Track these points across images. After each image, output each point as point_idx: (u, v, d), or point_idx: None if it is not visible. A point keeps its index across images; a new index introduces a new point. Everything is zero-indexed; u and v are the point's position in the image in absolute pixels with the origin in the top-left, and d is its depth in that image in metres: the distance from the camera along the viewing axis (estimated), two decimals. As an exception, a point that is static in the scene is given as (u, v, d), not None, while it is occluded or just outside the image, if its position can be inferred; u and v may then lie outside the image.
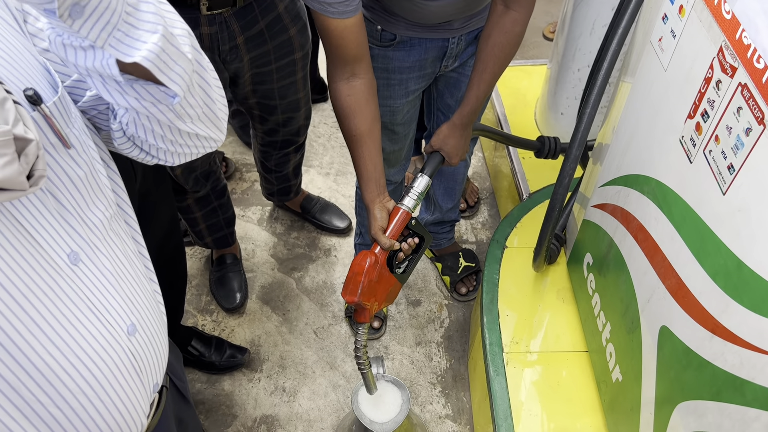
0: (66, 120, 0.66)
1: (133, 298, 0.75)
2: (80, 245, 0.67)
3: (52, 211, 0.64)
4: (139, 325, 0.75)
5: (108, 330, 0.70)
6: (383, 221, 1.32)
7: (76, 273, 0.66)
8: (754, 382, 0.86)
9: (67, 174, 0.66)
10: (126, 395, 0.73)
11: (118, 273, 0.73)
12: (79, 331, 0.66)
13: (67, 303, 0.65)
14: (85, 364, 0.67)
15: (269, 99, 1.76)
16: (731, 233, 0.91)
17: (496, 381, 1.53)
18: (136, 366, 0.75)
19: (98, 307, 0.69)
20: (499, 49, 1.32)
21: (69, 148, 0.66)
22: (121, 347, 0.72)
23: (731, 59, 0.91)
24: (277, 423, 1.85)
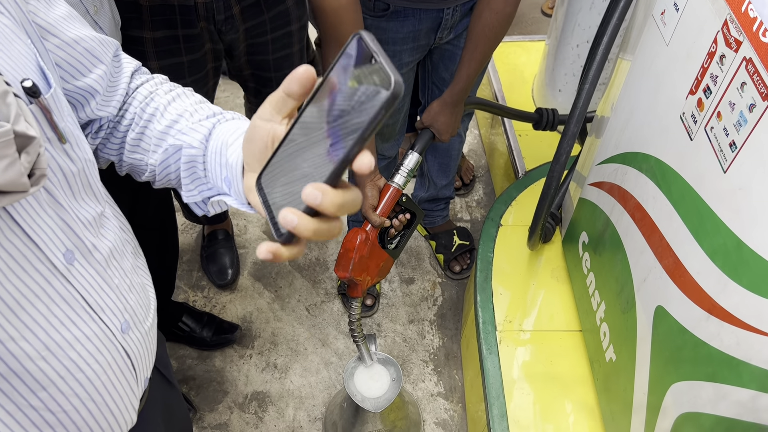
0: (60, 113, 0.64)
1: (126, 295, 0.74)
2: (75, 243, 0.65)
3: (47, 208, 0.61)
4: (132, 321, 0.74)
5: (102, 330, 0.68)
6: (374, 199, 1.34)
7: (71, 272, 0.64)
8: (751, 363, 0.85)
9: (62, 169, 0.63)
10: (118, 393, 0.72)
11: (111, 270, 0.71)
12: (73, 333, 0.64)
13: (61, 305, 0.63)
14: (79, 367, 0.66)
15: (264, 71, 1.73)
16: (731, 212, 0.89)
17: (488, 359, 1.52)
18: (130, 363, 0.74)
19: (93, 306, 0.67)
20: (489, 28, 1.32)
21: (64, 143, 0.63)
22: (115, 346, 0.70)
23: (736, 33, 0.88)
24: (268, 400, 1.84)
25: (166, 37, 1.38)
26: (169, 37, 1.38)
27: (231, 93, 2.83)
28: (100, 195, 0.71)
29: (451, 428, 1.78)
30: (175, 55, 1.43)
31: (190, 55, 1.45)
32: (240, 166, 0.66)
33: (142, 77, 0.82)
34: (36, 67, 0.62)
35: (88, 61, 0.73)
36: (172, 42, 1.39)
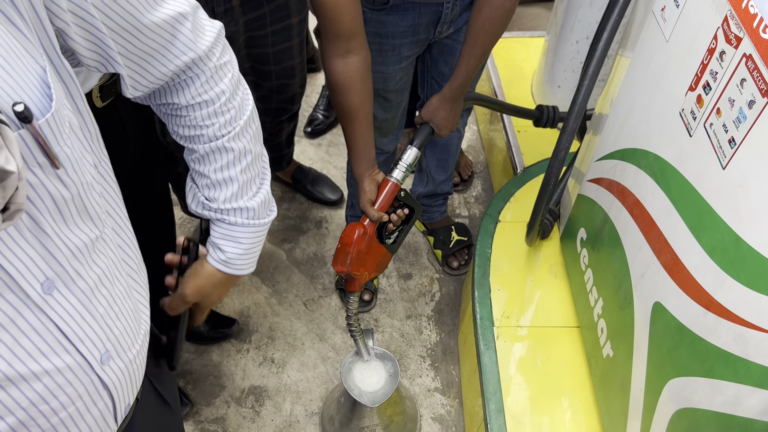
0: (58, 137, 0.60)
1: (112, 323, 0.71)
2: (57, 272, 0.62)
3: (27, 236, 0.59)
4: (115, 350, 0.71)
5: (77, 361, 0.66)
6: (372, 194, 1.34)
7: (48, 302, 0.62)
8: (748, 359, 0.85)
9: (51, 195, 0.60)
10: (88, 426, 0.70)
11: (97, 298, 0.69)
12: (41, 365, 0.62)
13: (31, 336, 0.61)
14: (44, 399, 0.63)
15: (263, 64, 1.72)
16: (730, 208, 0.89)
17: (486, 355, 1.52)
18: (107, 394, 0.71)
19: (70, 336, 0.64)
20: (489, 23, 1.32)
21: (58, 168, 0.60)
22: (90, 378, 0.68)
23: (736, 29, 0.88)
24: (265, 394, 1.84)
25: None
26: None
27: (229, 87, 2.82)
28: (97, 218, 0.69)
29: (448, 423, 1.78)
30: None
31: None
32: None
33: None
34: (40, 84, 0.59)
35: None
36: None
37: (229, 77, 0.84)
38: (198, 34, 0.78)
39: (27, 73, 0.58)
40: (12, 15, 0.57)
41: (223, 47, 0.84)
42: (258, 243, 0.94)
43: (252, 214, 0.91)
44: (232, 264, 0.92)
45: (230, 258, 0.91)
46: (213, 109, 0.83)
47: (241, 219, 0.90)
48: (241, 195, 0.89)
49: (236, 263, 0.92)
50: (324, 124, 2.61)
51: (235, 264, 0.92)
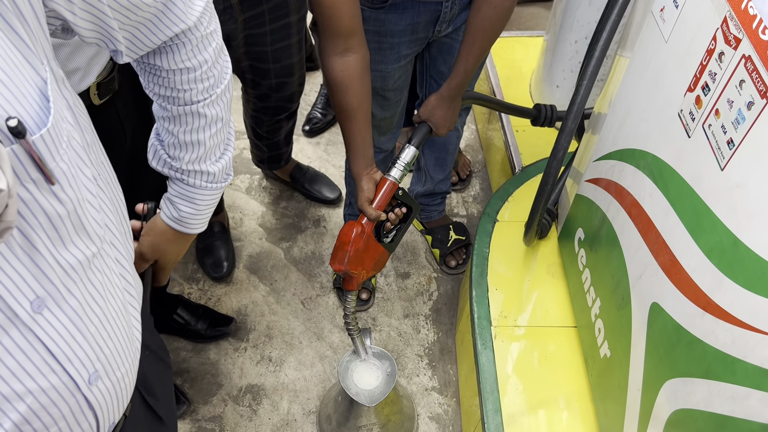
0: (54, 152, 0.59)
1: (104, 342, 0.69)
2: (48, 290, 0.61)
3: (18, 253, 0.57)
4: (104, 370, 0.70)
5: (63, 382, 0.64)
6: (370, 192, 1.34)
7: (37, 321, 0.60)
8: (745, 360, 0.85)
9: (45, 212, 0.59)
10: None
11: (90, 316, 0.67)
12: (25, 385, 0.61)
13: (16, 355, 0.59)
14: (26, 419, 0.62)
15: (262, 62, 1.72)
16: (728, 210, 0.89)
17: (483, 354, 1.52)
18: (92, 414, 0.70)
19: (58, 356, 0.63)
20: (488, 22, 1.32)
21: (53, 185, 0.59)
22: (76, 399, 0.67)
23: (735, 30, 0.88)
24: (262, 392, 1.84)
25: None
26: None
27: (228, 85, 2.82)
28: (94, 234, 0.67)
29: (445, 422, 1.78)
30: None
31: None
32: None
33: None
34: (38, 97, 0.57)
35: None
36: None
37: (213, 46, 0.85)
38: (189, 5, 0.80)
39: (26, 85, 0.56)
40: (14, 22, 0.55)
41: (210, 16, 0.84)
42: (212, 205, 0.97)
43: (212, 178, 0.93)
44: (184, 222, 0.95)
45: (183, 216, 0.94)
46: (195, 76, 0.85)
47: (200, 182, 0.93)
48: (206, 159, 0.92)
49: (188, 222, 0.95)
50: (322, 122, 2.61)
51: (187, 222, 0.96)
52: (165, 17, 0.77)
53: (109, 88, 1.19)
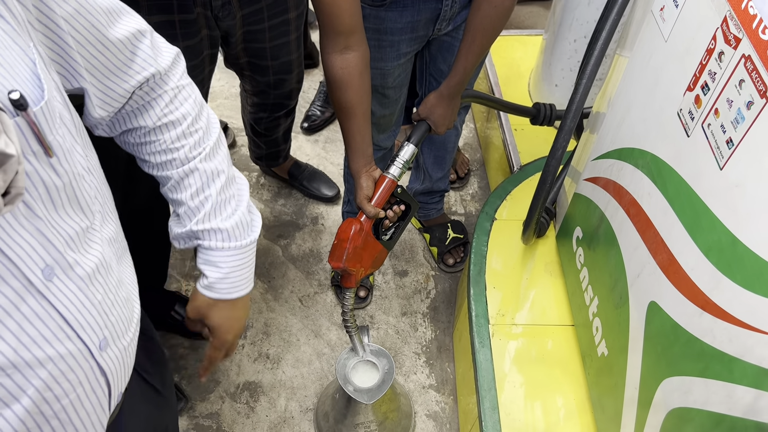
0: (51, 126, 0.62)
1: (108, 310, 0.72)
2: (55, 258, 0.63)
3: (25, 223, 0.59)
4: (112, 338, 0.72)
5: (79, 348, 0.67)
6: (369, 190, 1.34)
7: (50, 289, 0.63)
8: (743, 359, 0.85)
9: (44, 183, 0.62)
10: (86, 412, 0.71)
11: (95, 286, 0.70)
12: (45, 351, 0.63)
13: (35, 323, 0.62)
14: (48, 385, 0.64)
15: (261, 59, 1.72)
16: (727, 209, 0.89)
17: (481, 352, 1.52)
18: (105, 381, 0.72)
19: (72, 323, 0.66)
20: (488, 21, 1.32)
21: (51, 157, 0.62)
22: (90, 365, 0.69)
23: (735, 30, 0.88)
24: (260, 390, 1.84)
25: (162, 22, 1.37)
26: (165, 22, 1.37)
27: (226, 82, 2.82)
28: (87, 209, 0.70)
29: (443, 420, 1.78)
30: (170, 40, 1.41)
31: (186, 41, 1.44)
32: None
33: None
34: (30, 75, 0.60)
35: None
36: (168, 27, 1.38)
37: (192, 100, 0.86)
38: (157, 52, 0.81)
39: (18, 64, 0.59)
40: (3, 8, 0.58)
41: (182, 71, 0.86)
42: (240, 266, 0.92)
43: (226, 235, 0.89)
44: (215, 288, 0.91)
45: (212, 282, 0.91)
46: (181, 131, 0.85)
47: (215, 242, 0.89)
48: (215, 215, 0.89)
49: (219, 287, 0.91)
50: (321, 120, 2.61)
51: (218, 288, 0.91)
52: (133, 62, 0.77)
53: None
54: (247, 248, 0.93)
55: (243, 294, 0.94)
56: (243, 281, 0.93)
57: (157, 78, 0.81)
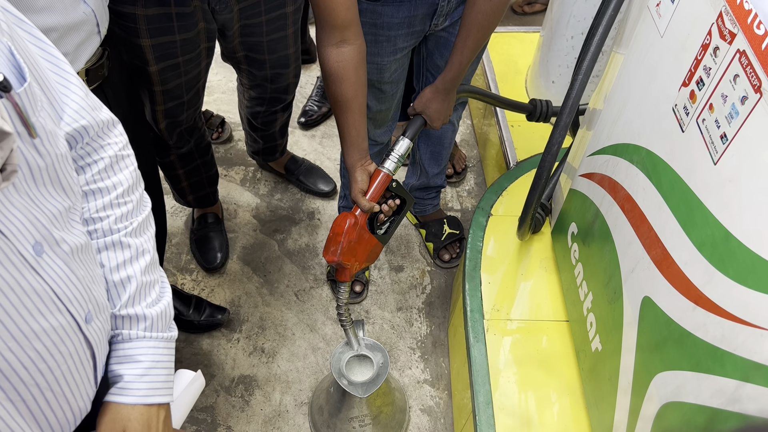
0: (33, 108, 0.65)
1: (90, 286, 0.74)
2: (43, 234, 0.66)
3: (14, 201, 0.62)
4: (94, 312, 0.75)
5: (68, 321, 0.69)
6: (364, 184, 1.34)
7: (40, 264, 0.65)
8: (735, 354, 0.86)
9: (28, 163, 0.64)
10: (76, 383, 0.73)
11: (78, 262, 0.72)
12: (41, 324, 0.65)
13: (32, 297, 0.64)
14: (43, 358, 0.66)
15: (257, 53, 1.71)
16: (720, 204, 0.90)
17: (475, 347, 1.52)
18: (90, 353, 0.75)
19: (62, 297, 0.68)
20: (483, 16, 1.32)
21: (34, 138, 0.65)
22: (78, 337, 0.71)
23: (731, 25, 0.88)
24: (255, 383, 1.84)
25: (158, 15, 1.36)
26: (162, 14, 1.37)
27: (224, 77, 2.81)
28: (69, 189, 0.72)
29: (437, 415, 1.79)
30: (167, 33, 1.41)
31: (182, 33, 1.44)
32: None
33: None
34: (7, 62, 0.62)
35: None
36: (164, 20, 1.38)
37: (130, 170, 0.85)
38: (92, 101, 0.80)
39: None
40: None
41: (126, 143, 0.86)
42: (161, 363, 0.83)
43: (150, 324, 0.83)
44: (131, 390, 0.79)
45: (128, 383, 0.80)
46: (108, 200, 0.82)
47: (136, 331, 0.82)
48: (140, 299, 0.83)
49: (136, 387, 0.80)
50: (318, 115, 2.61)
51: (135, 389, 0.79)
52: (66, 92, 0.76)
53: (98, 74, 1.19)
54: (169, 343, 0.85)
55: (162, 401, 0.82)
56: (162, 384, 0.83)
57: (93, 135, 0.79)
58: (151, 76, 1.49)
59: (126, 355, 0.81)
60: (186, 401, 0.93)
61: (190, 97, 1.63)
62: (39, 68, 0.71)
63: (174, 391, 0.87)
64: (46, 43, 0.74)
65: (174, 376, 0.88)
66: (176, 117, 1.66)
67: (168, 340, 0.85)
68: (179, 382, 0.93)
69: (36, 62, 0.71)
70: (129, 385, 0.80)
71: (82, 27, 1.08)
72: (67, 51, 1.07)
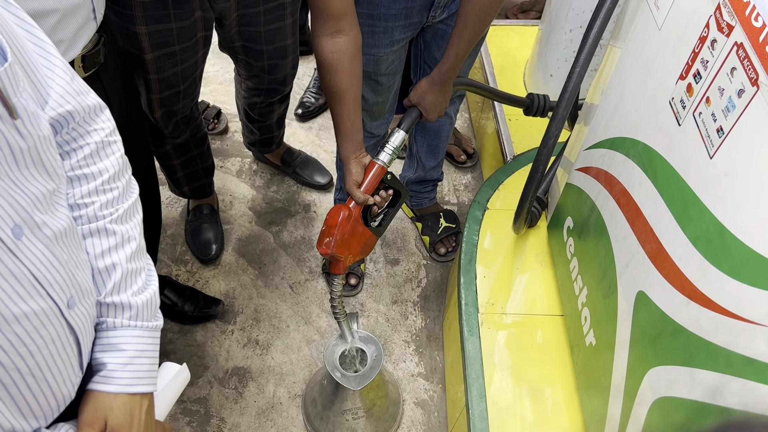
0: (15, 89, 0.64)
1: (73, 271, 0.73)
2: (23, 217, 0.65)
3: None
4: (77, 297, 0.74)
5: (49, 305, 0.68)
6: (358, 176, 1.33)
7: (19, 248, 0.64)
8: (728, 348, 0.85)
9: (9, 144, 0.63)
10: (58, 369, 0.72)
11: (61, 246, 0.71)
12: (20, 308, 0.64)
13: (10, 280, 0.63)
14: (23, 341, 0.66)
15: (255, 43, 1.70)
16: (715, 198, 0.89)
17: (469, 341, 1.52)
18: (74, 339, 0.74)
19: (42, 281, 0.67)
20: (480, 7, 1.31)
21: (15, 119, 0.64)
22: (60, 322, 0.70)
23: (728, 17, 0.87)
24: (248, 375, 1.84)
25: (154, 2, 1.35)
26: (158, 1, 1.36)
27: (221, 67, 2.80)
28: (53, 172, 0.71)
29: (431, 408, 1.79)
30: (163, 20, 1.40)
31: (179, 21, 1.42)
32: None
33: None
34: None
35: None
36: (160, 7, 1.37)
37: (116, 156, 0.84)
38: (78, 85, 0.79)
39: None
40: None
41: (113, 129, 0.84)
42: (145, 352, 0.82)
43: (135, 312, 0.82)
44: (114, 378, 0.79)
45: (111, 371, 0.79)
46: (94, 186, 0.81)
47: (121, 319, 0.81)
48: (125, 287, 0.82)
49: (119, 376, 0.79)
50: (315, 107, 2.60)
51: (118, 377, 0.79)
52: (52, 76, 0.75)
53: (95, 61, 1.18)
54: (154, 333, 0.85)
55: (145, 390, 0.81)
56: (146, 374, 0.82)
57: (79, 120, 0.78)
58: (147, 64, 1.48)
59: (110, 343, 0.80)
60: (170, 394, 0.92)
61: (186, 86, 1.62)
62: (24, 50, 0.70)
63: (158, 384, 0.86)
64: (32, 26, 0.73)
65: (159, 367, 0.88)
66: (172, 106, 1.65)
67: (153, 329, 0.85)
68: (164, 374, 0.92)
69: (21, 44, 0.69)
70: (112, 373, 0.79)
71: (79, 12, 1.07)
72: (65, 37, 1.06)
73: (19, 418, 0.69)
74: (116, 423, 0.78)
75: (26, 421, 0.70)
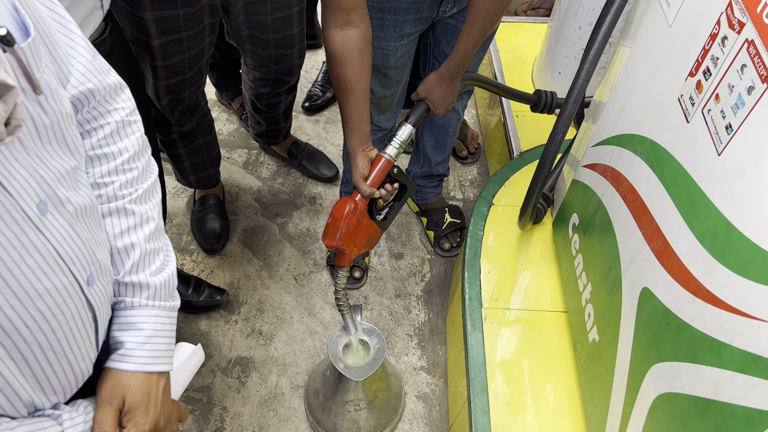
0: (38, 64, 0.64)
1: (93, 248, 0.74)
2: (48, 194, 0.65)
3: (20, 158, 0.61)
4: (97, 275, 0.74)
5: (70, 282, 0.69)
6: (365, 169, 1.33)
7: (44, 223, 0.64)
8: (732, 345, 0.85)
9: (33, 120, 0.63)
10: (77, 345, 0.72)
11: (82, 223, 0.71)
12: (43, 284, 0.65)
13: (35, 255, 0.63)
14: (45, 317, 0.66)
15: (262, 32, 1.70)
16: (723, 195, 0.89)
17: (472, 336, 1.52)
18: (92, 316, 0.74)
19: (64, 258, 0.67)
20: (490, 2, 1.32)
21: (39, 95, 0.63)
22: (80, 298, 0.71)
23: (740, 14, 0.87)
24: (251, 365, 1.85)
25: None
26: None
27: (229, 59, 2.80)
28: (75, 149, 0.71)
29: (432, 402, 1.79)
30: (170, 6, 1.40)
31: (186, 7, 1.43)
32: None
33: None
34: (11, 17, 0.61)
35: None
36: None
37: (137, 136, 0.84)
38: (100, 64, 0.79)
39: (2, 4, 0.60)
40: None
41: (134, 108, 0.84)
42: (162, 332, 0.83)
43: (152, 293, 0.83)
44: (131, 357, 0.80)
45: (129, 350, 0.80)
46: (114, 165, 0.81)
47: (139, 299, 0.82)
48: (143, 266, 0.83)
49: (136, 355, 0.80)
50: (322, 100, 2.60)
51: (135, 356, 0.80)
52: (73, 54, 0.75)
53: (101, 50, 1.18)
54: (171, 312, 0.86)
55: (162, 369, 0.83)
56: (163, 353, 0.83)
57: (100, 99, 0.79)
58: (154, 51, 1.49)
59: (128, 322, 0.81)
60: (185, 373, 0.93)
61: (192, 74, 1.63)
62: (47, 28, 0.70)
63: (174, 363, 0.87)
64: (54, 3, 0.73)
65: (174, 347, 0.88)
66: (178, 94, 1.65)
67: (170, 309, 0.86)
68: (179, 354, 0.93)
69: (44, 22, 0.69)
70: (130, 352, 0.80)
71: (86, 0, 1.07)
72: None
73: (39, 393, 0.69)
74: (134, 400, 0.79)
75: (46, 396, 0.71)
